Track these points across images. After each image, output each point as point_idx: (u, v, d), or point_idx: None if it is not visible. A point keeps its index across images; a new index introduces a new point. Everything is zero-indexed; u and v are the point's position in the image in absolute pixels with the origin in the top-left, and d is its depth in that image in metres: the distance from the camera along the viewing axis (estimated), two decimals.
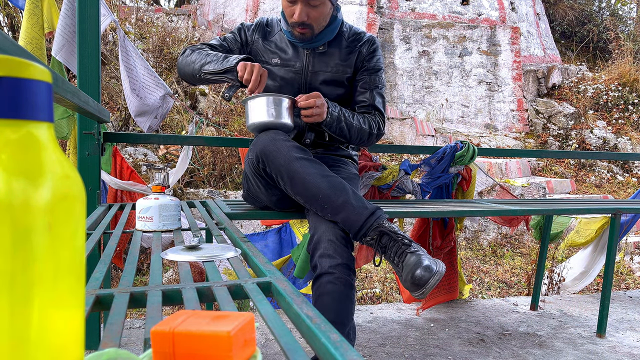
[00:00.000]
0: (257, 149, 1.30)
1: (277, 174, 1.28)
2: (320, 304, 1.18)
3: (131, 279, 0.67)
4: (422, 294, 1.12)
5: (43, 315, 0.29)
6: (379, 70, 1.59)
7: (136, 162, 3.71)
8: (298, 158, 1.27)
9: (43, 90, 0.32)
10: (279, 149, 1.27)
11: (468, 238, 4.15)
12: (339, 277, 1.18)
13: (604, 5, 10.22)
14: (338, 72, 1.54)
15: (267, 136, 1.31)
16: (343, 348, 0.42)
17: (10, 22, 4.38)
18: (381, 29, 6.60)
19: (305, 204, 1.28)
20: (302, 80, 1.54)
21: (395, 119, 5.94)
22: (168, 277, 2.69)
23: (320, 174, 1.25)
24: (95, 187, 1.64)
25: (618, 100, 6.97)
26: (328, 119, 1.41)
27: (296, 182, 1.26)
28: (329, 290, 1.17)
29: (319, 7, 1.42)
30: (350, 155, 1.67)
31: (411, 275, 1.12)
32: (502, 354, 1.76)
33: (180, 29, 5.88)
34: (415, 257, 1.14)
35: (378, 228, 1.20)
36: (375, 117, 1.56)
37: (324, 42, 1.52)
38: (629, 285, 3.37)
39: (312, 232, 1.27)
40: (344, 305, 1.18)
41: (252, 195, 1.49)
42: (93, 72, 1.63)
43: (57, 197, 0.30)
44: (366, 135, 1.52)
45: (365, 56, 1.56)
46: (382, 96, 1.59)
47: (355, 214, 1.21)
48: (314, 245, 1.25)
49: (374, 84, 1.57)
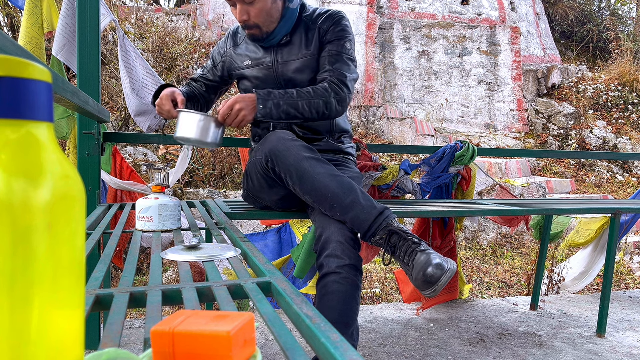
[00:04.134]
0: (267, 149, 1.30)
1: (286, 173, 1.28)
2: (325, 303, 1.17)
3: (131, 279, 0.67)
4: (434, 291, 1.12)
5: (43, 315, 0.29)
6: (341, 39, 1.50)
7: (136, 162, 3.71)
8: (307, 158, 1.26)
9: (43, 90, 0.32)
10: (289, 148, 1.27)
11: (468, 238, 4.14)
12: (345, 277, 1.17)
13: (604, 5, 10.22)
14: (306, 56, 1.50)
15: (275, 136, 1.31)
16: (343, 348, 0.42)
17: (10, 22, 4.38)
18: (381, 29, 6.60)
19: (314, 204, 1.28)
20: (275, 74, 1.53)
21: (395, 119, 5.94)
22: (168, 277, 2.69)
23: (330, 174, 1.25)
24: (95, 187, 1.64)
25: (618, 100, 6.97)
26: (261, 111, 1.37)
27: (305, 182, 1.25)
28: (335, 290, 1.16)
29: (255, 4, 1.39)
30: (347, 152, 1.63)
31: (423, 273, 1.12)
32: (502, 354, 1.76)
33: (180, 29, 5.88)
34: (426, 256, 1.14)
35: (387, 227, 1.20)
36: (331, 81, 1.46)
37: (282, 35, 1.49)
38: (629, 285, 3.37)
39: (320, 232, 1.26)
40: (349, 306, 1.17)
41: (253, 195, 1.49)
42: (93, 72, 1.63)
43: (57, 197, 0.30)
44: (322, 104, 1.43)
45: (326, 30, 1.50)
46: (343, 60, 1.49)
47: (364, 214, 1.21)
48: (322, 245, 1.23)
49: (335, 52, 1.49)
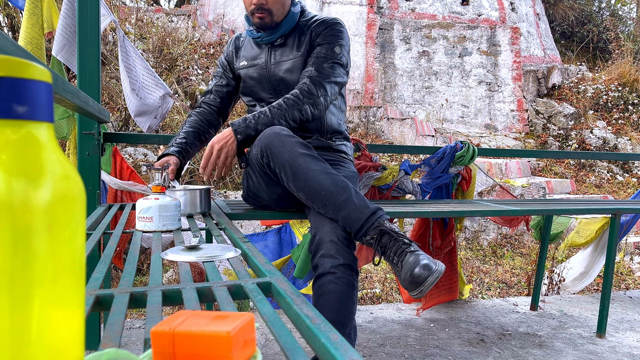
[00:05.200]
0: (262, 143, 1.31)
1: (280, 168, 1.28)
2: (321, 303, 1.17)
3: (131, 279, 0.67)
4: (420, 292, 1.12)
5: (43, 315, 0.29)
6: (331, 43, 1.50)
7: (136, 162, 3.71)
8: (302, 154, 1.26)
9: (43, 90, 0.32)
10: (284, 143, 1.27)
11: (468, 238, 4.14)
12: (340, 277, 1.17)
13: (604, 5, 10.22)
14: (296, 57, 1.54)
15: (272, 131, 1.31)
16: (343, 348, 0.42)
17: (10, 22, 4.38)
18: (381, 29, 6.60)
19: (307, 201, 1.28)
20: (267, 74, 1.58)
21: (395, 119, 5.94)
22: (168, 277, 2.69)
23: (324, 171, 1.26)
24: (95, 187, 1.64)
25: (618, 101, 6.97)
26: (240, 139, 1.38)
27: (299, 178, 1.26)
28: (331, 290, 1.17)
29: None
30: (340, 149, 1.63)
31: (410, 273, 1.12)
32: (502, 354, 1.76)
33: (180, 29, 5.88)
34: (415, 257, 1.14)
35: (379, 227, 1.20)
36: (304, 84, 1.45)
37: (281, 33, 1.54)
38: (629, 285, 3.37)
39: (314, 232, 1.27)
40: (345, 306, 1.17)
41: (253, 194, 1.49)
42: (93, 72, 1.63)
43: (57, 197, 0.30)
44: (297, 113, 1.42)
45: (318, 34, 1.52)
46: (328, 63, 1.48)
47: (356, 213, 1.21)
48: (315, 245, 1.24)
49: (322, 55, 1.49)
